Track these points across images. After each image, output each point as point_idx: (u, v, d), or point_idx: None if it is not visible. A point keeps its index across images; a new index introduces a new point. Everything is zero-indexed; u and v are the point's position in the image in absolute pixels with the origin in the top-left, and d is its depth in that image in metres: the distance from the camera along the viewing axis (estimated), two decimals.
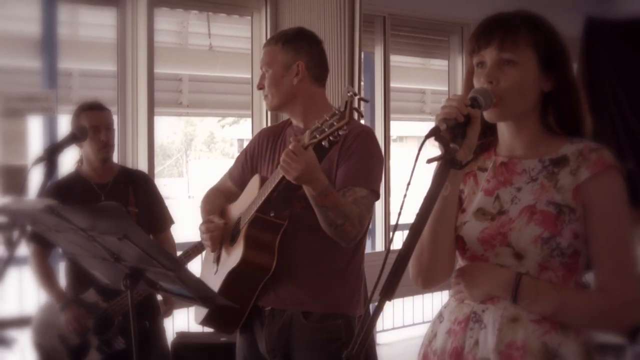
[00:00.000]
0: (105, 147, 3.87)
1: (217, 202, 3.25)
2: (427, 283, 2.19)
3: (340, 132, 2.74)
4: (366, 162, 2.95)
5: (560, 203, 2.04)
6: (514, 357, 2.03)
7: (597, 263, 2.06)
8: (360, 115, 3.07)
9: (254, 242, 2.94)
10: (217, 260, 3.13)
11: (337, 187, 2.91)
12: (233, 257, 2.98)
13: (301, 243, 2.96)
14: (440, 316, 2.23)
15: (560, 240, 2.03)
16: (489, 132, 2.19)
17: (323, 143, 2.76)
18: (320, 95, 3.15)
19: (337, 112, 2.68)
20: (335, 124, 2.71)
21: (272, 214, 2.94)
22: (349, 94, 2.71)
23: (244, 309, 2.99)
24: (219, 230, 3.07)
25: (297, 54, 3.08)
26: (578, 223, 2.04)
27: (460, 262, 2.20)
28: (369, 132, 3.07)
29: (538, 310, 2.03)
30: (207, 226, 3.08)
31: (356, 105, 2.69)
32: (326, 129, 2.72)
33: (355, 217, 2.82)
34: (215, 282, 3.00)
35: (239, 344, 3.17)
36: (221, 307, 2.92)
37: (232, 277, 2.95)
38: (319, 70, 3.13)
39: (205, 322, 3.11)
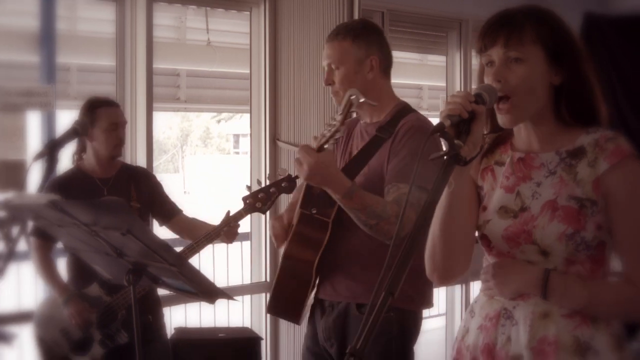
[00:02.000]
0: (119, 145, 3.92)
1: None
2: (443, 279, 2.21)
3: (337, 136, 2.77)
4: (413, 158, 2.92)
5: (581, 197, 2.05)
6: (546, 352, 2.05)
7: (622, 254, 2.07)
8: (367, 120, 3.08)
9: (300, 238, 3.02)
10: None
11: (385, 184, 2.93)
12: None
13: (355, 237, 2.99)
14: (471, 311, 2.26)
15: (585, 234, 2.04)
16: None
17: (326, 146, 2.78)
18: (388, 87, 3.15)
19: (337, 115, 2.71)
20: (333, 128, 2.73)
21: (313, 211, 2.98)
22: (351, 97, 2.72)
23: (301, 300, 3.07)
24: (283, 229, 3.14)
25: (370, 48, 3.07)
26: (600, 215, 2.05)
27: (487, 258, 2.21)
28: (419, 127, 3.01)
29: (568, 305, 2.05)
30: (274, 223, 3.17)
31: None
32: (327, 134, 2.75)
33: (392, 216, 2.82)
34: None
35: (305, 334, 3.27)
36: (280, 298, 3.11)
37: (282, 271, 3.07)
38: (387, 62, 3.15)
39: (270, 311, 3.24)
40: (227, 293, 2.50)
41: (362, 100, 2.74)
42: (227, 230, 3.68)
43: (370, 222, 2.82)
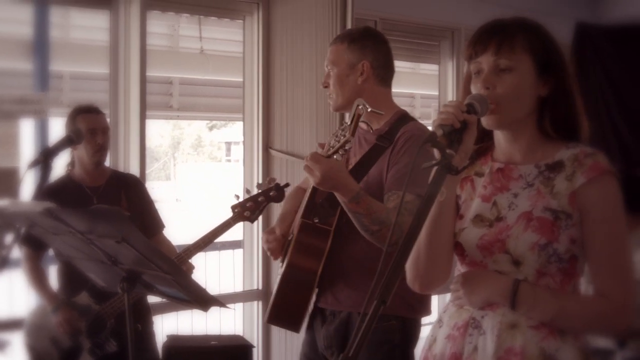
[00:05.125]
0: (100, 151, 3.91)
1: (294, 201, 3.29)
2: (425, 287, 2.21)
3: (347, 147, 2.79)
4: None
5: (557, 209, 2.06)
6: None
7: (594, 268, 2.07)
8: (371, 129, 3.09)
9: (302, 247, 3.02)
10: (282, 261, 3.19)
11: (384, 192, 2.94)
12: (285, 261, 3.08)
13: (355, 246, 3.00)
14: (439, 321, 2.25)
15: (558, 247, 2.05)
16: (486, 137, 2.21)
17: (335, 157, 2.81)
18: (385, 96, 3.15)
19: (346, 125, 2.73)
20: (342, 138, 2.75)
21: (315, 220, 2.99)
22: (359, 107, 2.74)
23: (303, 309, 3.07)
24: (277, 242, 3.15)
25: (363, 53, 3.09)
26: (575, 228, 2.06)
27: (459, 268, 2.22)
28: (419, 136, 3.01)
29: (537, 316, 2.05)
30: (267, 237, 3.16)
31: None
32: (336, 144, 2.77)
33: (393, 223, 2.83)
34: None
35: (303, 341, 3.27)
36: (281, 307, 3.08)
37: (284, 280, 3.06)
38: (384, 70, 3.14)
39: (271, 320, 3.19)
40: (221, 301, 2.51)
41: (369, 110, 2.75)
42: None
43: (373, 227, 2.83)
